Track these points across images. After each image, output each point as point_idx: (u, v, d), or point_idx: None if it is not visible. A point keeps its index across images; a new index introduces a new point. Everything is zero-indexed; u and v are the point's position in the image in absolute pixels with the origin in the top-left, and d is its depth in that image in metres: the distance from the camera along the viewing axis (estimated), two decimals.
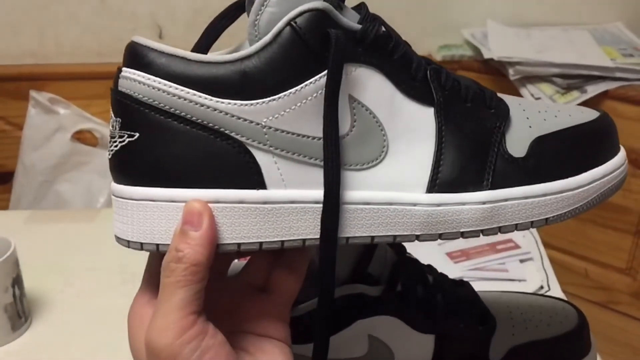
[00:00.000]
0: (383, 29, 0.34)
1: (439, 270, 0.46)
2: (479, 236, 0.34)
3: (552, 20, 1.26)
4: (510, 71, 1.11)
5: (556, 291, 0.66)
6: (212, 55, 0.33)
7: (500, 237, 0.76)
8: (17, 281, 0.58)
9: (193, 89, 0.32)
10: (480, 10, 1.25)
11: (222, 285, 0.36)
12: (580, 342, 0.44)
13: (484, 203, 0.33)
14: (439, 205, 0.33)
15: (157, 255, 0.34)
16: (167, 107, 0.32)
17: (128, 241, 0.33)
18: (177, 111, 0.32)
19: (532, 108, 0.37)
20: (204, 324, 0.31)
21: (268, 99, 0.32)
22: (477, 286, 0.46)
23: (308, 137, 0.33)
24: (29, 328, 0.60)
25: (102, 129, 1.17)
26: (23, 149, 1.16)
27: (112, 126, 0.33)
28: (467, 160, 0.34)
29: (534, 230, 0.77)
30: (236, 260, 0.39)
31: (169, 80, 0.32)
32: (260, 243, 0.33)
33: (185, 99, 0.32)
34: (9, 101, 1.19)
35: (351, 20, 0.33)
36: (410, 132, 0.34)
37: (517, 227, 0.34)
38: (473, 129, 0.34)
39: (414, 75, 0.34)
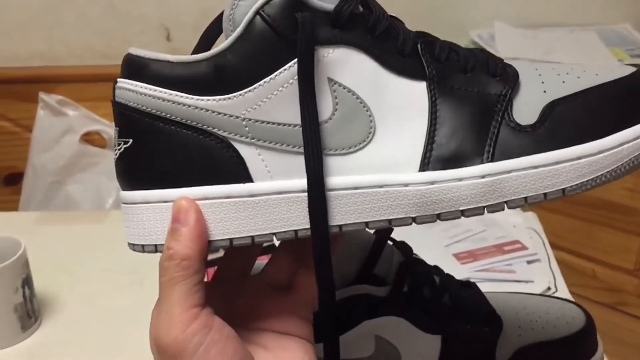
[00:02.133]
0: (361, 7, 0.33)
1: (446, 271, 0.46)
2: (482, 213, 0.32)
3: (559, 21, 1.26)
4: None
5: (563, 292, 0.66)
6: (192, 56, 0.33)
7: (507, 238, 0.76)
8: (27, 281, 0.59)
9: (175, 90, 0.32)
10: (488, 12, 1.25)
11: (244, 284, 0.36)
12: (587, 343, 0.44)
13: (483, 177, 0.31)
14: (432, 183, 0.32)
15: None
16: (154, 110, 0.33)
17: (133, 245, 0.34)
18: (163, 114, 0.33)
19: (551, 72, 0.34)
20: (209, 317, 0.31)
21: (244, 91, 0.32)
22: (484, 287, 0.46)
23: (288, 125, 0.32)
24: (38, 328, 0.60)
25: (110, 130, 1.18)
26: (32, 151, 1.17)
27: (114, 136, 0.34)
28: (464, 134, 0.32)
29: (541, 231, 0.77)
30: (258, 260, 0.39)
31: (156, 85, 0.33)
32: (252, 237, 0.33)
33: (168, 101, 0.32)
34: (18, 103, 1.20)
35: (329, 3, 0.32)
36: (400, 110, 0.32)
37: (527, 200, 0.31)
38: (472, 100, 0.32)
39: (400, 50, 0.33)
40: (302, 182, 0.32)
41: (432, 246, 0.74)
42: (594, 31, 1.23)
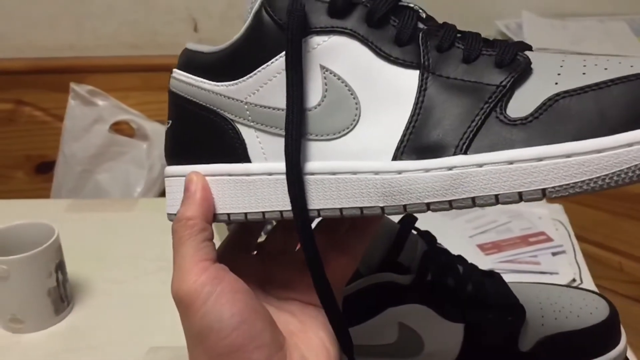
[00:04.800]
0: None
1: (470, 262, 0.46)
2: (448, 208, 0.30)
3: (588, 10, 1.24)
4: None
5: (588, 284, 0.65)
6: (219, 46, 0.36)
7: (532, 229, 0.76)
8: (60, 266, 0.60)
9: (201, 77, 0.36)
10: (515, 1, 1.24)
11: (283, 259, 0.38)
12: (610, 333, 0.44)
13: (450, 169, 0.30)
14: (400, 172, 0.31)
15: None
16: (186, 95, 0.36)
17: (169, 214, 0.37)
18: (191, 97, 0.36)
19: (577, 63, 0.31)
20: (219, 271, 0.33)
21: (246, 77, 0.34)
22: (509, 278, 0.47)
23: (280, 109, 0.33)
24: (71, 312, 0.62)
25: (138, 120, 1.19)
26: (64, 140, 1.19)
27: None
28: (448, 125, 0.31)
29: (567, 223, 0.77)
30: None
31: (191, 74, 0.36)
32: (245, 214, 0.34)
33: (195, 86, 0.36)
34: (50, 93, 1.22)
35: None
36: (386, 99, 0.32)
37: (497, 198, 0.29)
38: (466, 91, 0.31)
39: (397, 38, 0.32)
40: None
41: (457, 237, 0.74)
42: (624, 21, 1.20)
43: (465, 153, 0.30)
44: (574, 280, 0.67)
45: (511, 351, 0.43)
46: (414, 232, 0.44)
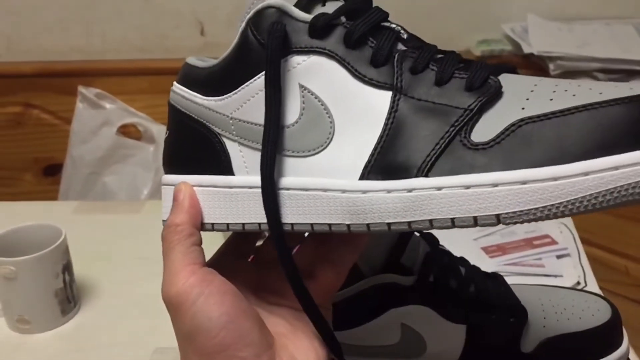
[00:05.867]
0: (344, 18, 0.34)
1: (474, 264, 0.46)
2: (408, 229, 0.31)
3: (594, 14, 1.24)
4: (551, 66, 1.10)
5: (593, 287, 0.65)
6: (213, 61, 0.37)
7: (537, 232, 0.76)
8: (67, 268, 0.61)
9: (195, 91, 0.37)
10: (521, 4, 1.24)
11: (276, 268, 0.38)
12: (612, 335, 0.44)
13: (409, 191, 0.30)
14: (364, 192, 0.31)
15: None
16: (182, 108, 0.38)
17: (163, 220, 0.38)
18: (185, 110, 0.38)
19: (548, 88, 0.31)
20: (208, 274, 0.34)
21: (232, 93, 0.35)
22: (513, 281, 0.47)
23: (262, 125, 0.34)
24: (77, 312, 0.63)
25: (145, 123, 1.20)
26: (71, 142, 1.20)
27: None
28: (414, 147, 0.31)
29: (571, 226, 0.77)
30: None
31: (187, 88, 0.37)
32: (227, 224, 0.36)
33: (189, 100, 0.37)
34: (58, 96, 1.23)
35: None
36: (360, 119, 0.33)
37: (454, 222, 0.29)
38: (435, 113, 0.31)
39: (372, 60, 0.33)
40: None
41: (461, 239, 0.74)
42: (631, 24, 1.20)
43: (426, 176, 0.30)
44: (578, 283, 0.67)
45: (513, 352, 0.43)
46: (417, 233, 0.45)
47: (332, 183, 0.33)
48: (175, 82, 0.38)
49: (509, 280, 0.47)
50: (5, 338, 0.60)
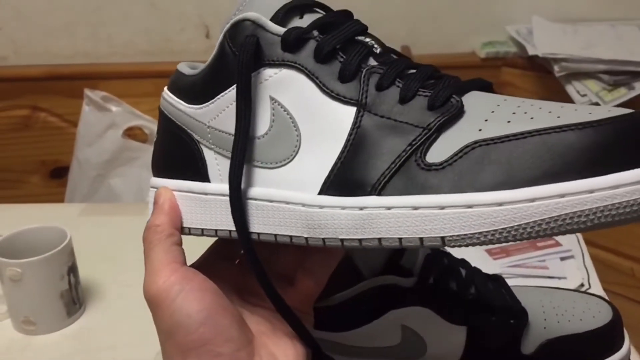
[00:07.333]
0: (316, 32, 0.34)
1: (478, 266, 0.46)
2: (359, 246, 0.31)
3: (599, 15, 1.23)
4: (556, 68, 1.10)
5: (597, 289, 0.65)
6: (197, 70, 0.38)
7: None
8: (73, 269, 0.61)
9: (180, 98, 0.38)
10: (525, 6, 1.24)
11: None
12: (613, 337, 0.44)
13: (361, 209, 0.31)
14: (321, 207, 0.32)
15: None
16: (168, 114, 0.39)
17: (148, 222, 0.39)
18: (171, 116, 0.38)
19: (509, 109, 0.30)
20: (188, 272, 0.34)
21: (210, 102, 0.36)
22: (517, 283, 0.47)
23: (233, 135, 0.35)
24: (83, 314, 0.63)
25: (151, 125, 1.21)
26: (78, 145, 1.21)
27: None
28: (372, 164, 0.31)
29: None
30: None
31: (174, 95, 0.38)
32: (202, 229, 0.36)
33: (175, 107, 0.38)
34: (64, 99, 1.24)
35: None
36: (325, 133, 0.33)
37: (401, 241, 0.30)
38: (395, 131, 0.31)
39: (341, 74, 0.33)
40: None
41: None
42: (636, 25, 1.20)
43: (379, 194, 0.30)
44: (582, 285, 0.67)
45: (514, 354, 0.43)
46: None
47: (294, 196, 0.33)
48: (165, 88, 0.39)
49: (513, 282, 0.47)
50: (11, 339, 0.60)
